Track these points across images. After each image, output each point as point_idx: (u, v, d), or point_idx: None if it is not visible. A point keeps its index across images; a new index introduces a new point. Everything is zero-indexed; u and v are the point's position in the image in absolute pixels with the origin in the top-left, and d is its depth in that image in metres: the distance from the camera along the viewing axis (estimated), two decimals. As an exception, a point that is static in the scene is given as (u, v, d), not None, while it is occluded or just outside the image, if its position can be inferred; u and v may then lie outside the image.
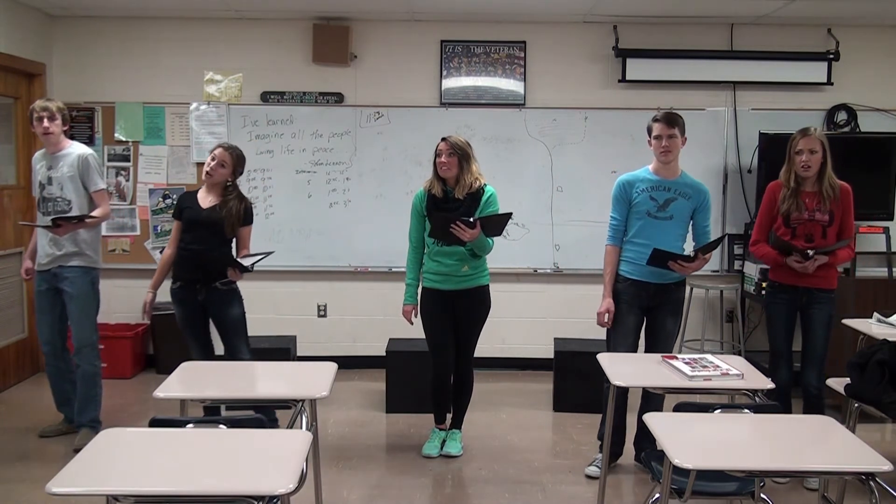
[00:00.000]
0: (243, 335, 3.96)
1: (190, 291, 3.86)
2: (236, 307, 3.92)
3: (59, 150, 4.07)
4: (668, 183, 3.65)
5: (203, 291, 3.85)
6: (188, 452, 2.17)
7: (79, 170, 4.02)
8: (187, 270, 3.87)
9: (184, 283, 3.88)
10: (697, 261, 3.51)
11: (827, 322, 3.71)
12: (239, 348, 3.93)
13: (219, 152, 3.89)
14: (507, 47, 5.49)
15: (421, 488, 3.65)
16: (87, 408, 4.10)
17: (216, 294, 3.85)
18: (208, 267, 3.81)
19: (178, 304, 3.91)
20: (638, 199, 3.64)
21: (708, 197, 3.69)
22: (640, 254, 3.63)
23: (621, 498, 3.63)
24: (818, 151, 3.59)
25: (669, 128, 3.57)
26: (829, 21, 5.37)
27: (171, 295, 3.93)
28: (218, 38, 5.48)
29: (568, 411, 4.73)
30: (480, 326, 3.99)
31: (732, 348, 5.55)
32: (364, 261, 5.56)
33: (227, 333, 3.93)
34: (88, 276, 4.09)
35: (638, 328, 3.72)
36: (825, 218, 3.63)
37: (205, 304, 3.88)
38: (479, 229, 3.65)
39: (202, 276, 3.83)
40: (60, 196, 4.02)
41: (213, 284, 3.84)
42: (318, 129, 5.50)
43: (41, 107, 4.02)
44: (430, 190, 3.86)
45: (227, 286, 3.87)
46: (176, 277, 3.92)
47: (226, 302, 3.88)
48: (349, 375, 5.34)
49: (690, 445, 2.29)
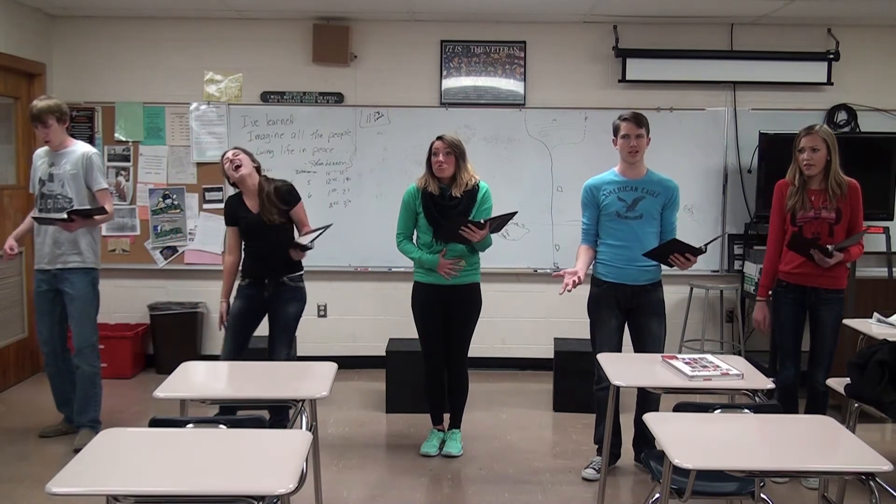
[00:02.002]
0: (288, 337, 3.98)
1: (258, 288, 3.87)
2: (294, 306, 3.93)
3: (62, 148, 4.06)
4: (635, 182, 3.65)
5: (271, 287, 3.86)
6: (188, 452, 2.17)
7: (82, 168, 4.02)
8: (256, 270, 3.89)
9: (252, 281, 3.89)
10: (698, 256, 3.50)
11: (835, 323, 3.70)
12: (283, 344, 3.93)
13: (229, 154, 3.86)
14: (507, 47, 5.49)
15: (421, 488, 3.65)
16: (87, 408, 4.10)
17: (283, 289, 3.87)
18: (276, 263, 3.84)
19: (242, 300, 3.90)
20: (606, 200, 3.66)
21: (676, 193, 3.69)
22: (614, 255, 3.65)
23: (620, 498, 3.63)
24: (821, 149, 3.58)
25: (637, 127, 3.58)
26: (829, 21, 5.37)
27: (238, 291, 3.93)
28: (218, 38, 5.48)
29: (568, 411, 4.73)
30: (472, 325, 3.98)
31: (732, 348, 5.55)
32: (364, 261, 5.56)
33: (279, 329, 3.93)
34: (88, 277, 4.08)
35: (620, 329, 3.73)
36: (832, 216, 3.62)
37: (269, 300, 3.89)
38: (487, 229, 3.66)
39: (270, 273, 3.85)
40: (61, 193, 4.01)
41: (280, 279, 3.86)
42: (318, 129, 5.50)
43: (32, 116, 3.97)
44: (426, 188, 3.85)
45: (295, 283, 3.91)
46: (245, 276, 3.93)
47: (289, 298, 3.90)
48: (349, 375, 5.34)
49: (690, 445, 2.28)
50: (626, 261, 3.61)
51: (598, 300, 3.71)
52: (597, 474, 3.68)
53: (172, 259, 5.55)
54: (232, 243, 3.96)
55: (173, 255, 5.55)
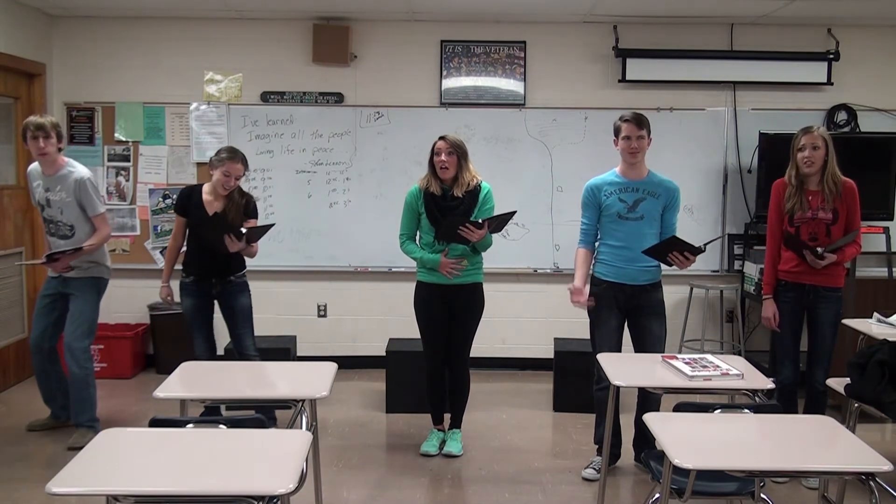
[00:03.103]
0: (250, 325, 4.12)
1: (204, 286, 4.00)
2: (245, 297, 4.09)
3: (55, 172, 3.99)
4: (636, 183, 3.66)
5: (218, 285, 4.01)
6: (188, 452, 2.18)
7: (75, 195, 3.98)
8: (201, 267, 3.99)
9: (197, 278, 4.00)
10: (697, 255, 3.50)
11: (834, 321, 3.70)
12: (246, 337, 4.08)
13: (236, 169, 3.89)
14: (507, 47, 5.49)
15: (421, 488, 3.65)
16: (83, 409, 4.11)
17: (229, 285, 4.03)
18: (222, 262, 3.94)
19: (190, 297, 4.02)
20: (607, 201, 3.66)
21: (677, 194, 3.69)
22: (614, 255, 3.65)
23: (620, 498, 3.63)
24: (820, 147, 3.59)
25: (639, 129, 3.58)
26: (829, 21, 5.37)
27: (182, 288, 4.03)
28: (218, 38, 5.48)
29: (568, 411, 4.73)
30: (475, 325, 3.98)
31: (732, 348, 5.55)
32: (364, 261, 5.56)
33: (236, 323, 4.07)
34: (96, 286, 4.13)
35: (620, 329, 3.73)
36: (829, 216, 3.63)
37: (217, 297, 4.04)
38: (486, 229, 3.66)
39: (216, 271, 3.98)
40: (61, 220, 4.02)
41: (228, 278, 4.01)
42: (318, 129, 5.50)
43: (35, 125, 3.85)
44: (428, 188, 3.86)
45: (240, 278, 4.06)
46: (188, 273, 4.02)
47: (236, 292, 4.05)
48: (349, 375, 5.34)
49: (690, 445, 2.29)
50: (627, 261, 3.62)
51: (598, 300, 3.71)
52: (597, 474, 3.68)
53: (172, 259, 5.55)
54: (178, 231, 4.07)
55: (173, 255, 5.55)
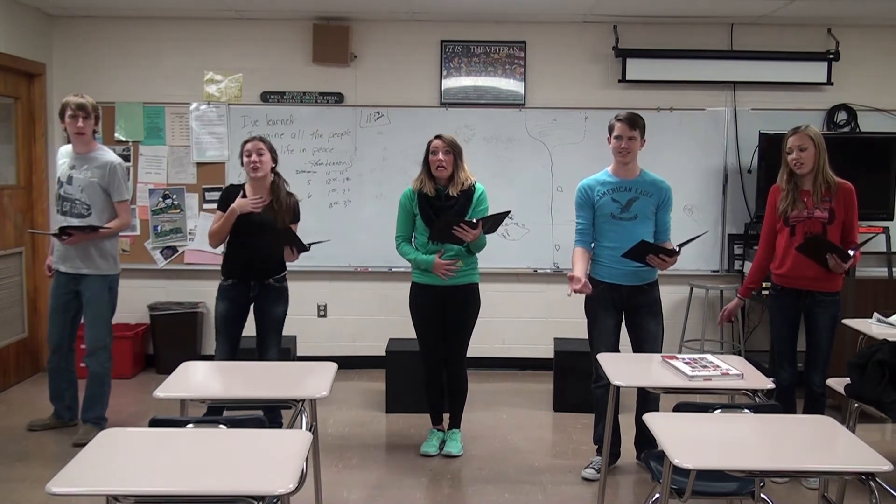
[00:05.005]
0: (278, 336, 3.98)
1: (243, 289, 3.86)
2: (281, 306, 3.94)
3: (87, 152, 4.00)
4: (629, 183, 3.66)
5: (257, 288, 3.86)
6: (188, 452, 2.17)
7: (106, 177, 3.97)
8: (241, 269, 3.86)
9: (237, 282, 3.87)
10: (675, 256, 3.50)
11: (831, 325, 3.69)
12: (271, 347, 3.93)
13: (251, 145, 3.80)
14: (507, 47, 5.49)
15: (421, 488, 3.65)
16: (94, 406, 4.12)
17: (268, 290, 3.88)
18: (264, 264, 3.84)
19: (227, 301, 3.88)
20: (601, 201, 3.66)
21: (669, 193, 3.69)
22: (610, 256, 3.65)
23: (620, 498, 3.63)
24: (808, 148, 3.58)
25: (630, 129, 3.58)
26: (829, 21, 5.37)
27: (220, 292, 3.90)
28: (218, 38, 5.47)
29: (568, 411, 4.73)
30: (471, 326, 3.98)
31: (732, 348, 5.54)
32: (364, 261, 5.56)
33: (266, 331, 3.93)
34: (106, 282, 4.10)
35: (617, 328, 3.74)
36: (825, 215, 3.62)
37: (255, 300, 3.89)
38: (480, 229, 3.65)
39: (256, 274, 3.85)
40: (79, 199, 3.99)
41: (266, 281, 3.87)
42: (318, 129, 5.50)
43: (77, 104, 3.88)
44: (422, 189, 3.85)
45: (280, 283, 3.91)
46: (228, 275, 3.90)
47: (274, 298, 3.90)
48: (349, 375, 5.34)
49: (690, 445, 2.29)
50: (622, 261, 3.61)
51: (595, 300, 3.71)
52: (597, 474, 3.68)
53: (172, 259, 5.55)
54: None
55: (173, 255, 5.55)
